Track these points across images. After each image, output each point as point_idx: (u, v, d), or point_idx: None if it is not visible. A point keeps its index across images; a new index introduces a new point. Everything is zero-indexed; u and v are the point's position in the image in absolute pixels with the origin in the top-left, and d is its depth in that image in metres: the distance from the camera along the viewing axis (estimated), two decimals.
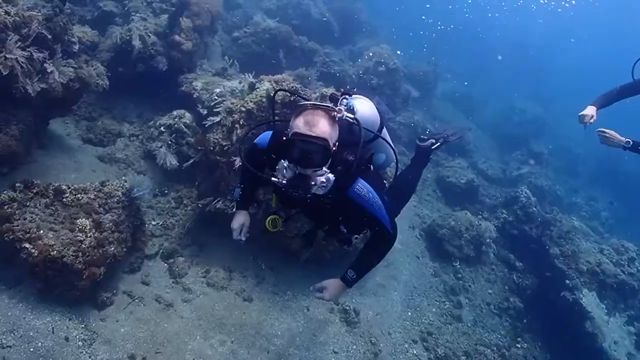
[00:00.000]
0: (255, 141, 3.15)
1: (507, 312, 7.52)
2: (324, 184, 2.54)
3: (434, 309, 6.88)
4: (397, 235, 3.04)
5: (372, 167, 3.12)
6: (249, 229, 3.31)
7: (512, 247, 8.72)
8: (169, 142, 6.39)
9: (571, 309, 7.11)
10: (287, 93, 5.09)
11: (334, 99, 2.95)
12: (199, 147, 5.86)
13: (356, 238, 3.22)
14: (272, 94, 3.28)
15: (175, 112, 6.69)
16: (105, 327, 4.44)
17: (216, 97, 6.74)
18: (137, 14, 7.45)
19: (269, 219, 3.13)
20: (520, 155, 12.84)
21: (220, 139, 5.70)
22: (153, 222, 5.96)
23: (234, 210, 3.45)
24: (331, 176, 2.55)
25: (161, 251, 5.59)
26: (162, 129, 6.51)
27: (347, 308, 5.97)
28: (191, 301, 5.16)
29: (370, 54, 11.07)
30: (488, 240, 8.23)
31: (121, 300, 4.78)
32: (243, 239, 3.24)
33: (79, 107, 6.74)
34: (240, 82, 6.90)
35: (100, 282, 4.61)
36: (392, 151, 3.57)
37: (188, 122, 6.61)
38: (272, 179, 2.62)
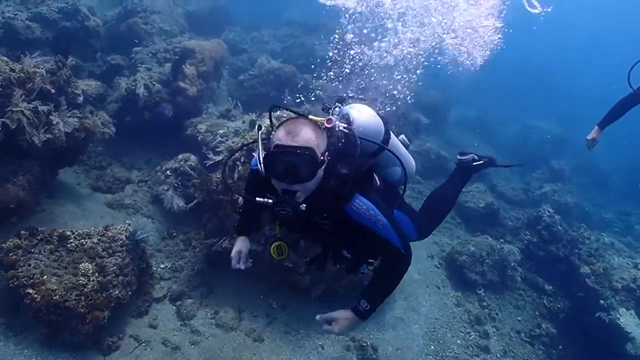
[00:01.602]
0: (251, 165, 2.92)
1: (539, 340, 7.02)
2: (301, 196, 2.29)
3: (458, 341, 6.49)
4: (411, 255, 2.66)
5: (377, 181, 2.87)
6: (248, 256, 3.06)
7: (539, 270, 8.26)
8: (175, 185, 6.45)
9: (609, 330, 6.60)
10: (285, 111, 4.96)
11: (326, 109, 2.76)
12: (203, 188, 5.87)
13: (371, 264, 2.78)
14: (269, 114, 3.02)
15: (180, 156, 6.80)
16: None
17: (220, 138, 6.85)
18: (143, 65, 7.76)
19: (273, 245, 2.84)
20: (541, 174, 12.45)
21: (220, 179, 5.72)
22: (162, 265, 5.92)
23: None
24: (309, 184, 2.27)
25: (169, 294, 5.51)
26: (168, 172, 6.59)
27: (364, 344, 5.68)
28: (199, 343, 5.01)
29: (375, 87, 11.12)
30: (513, 264, 7.84)
31: (127, 345, 4.68)
32: (242, 267, 2.96)
33: (88, 157, 6.95)
34: (243, 122, 7.03)
35: (106, 326, 4.55)
36: (410, 162, 3.32)
37: (193, 164, 6.69)
38: (257, 199, 2.37)
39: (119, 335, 4.71)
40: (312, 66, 11.91)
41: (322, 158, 2.25)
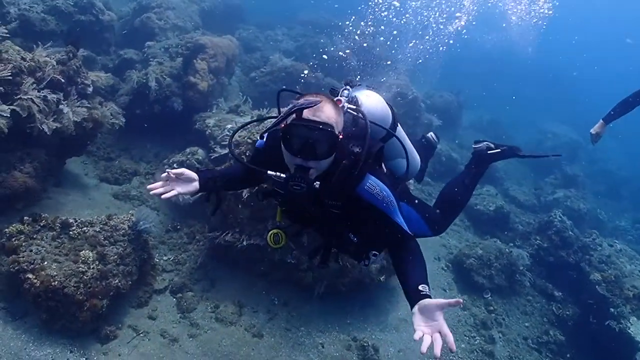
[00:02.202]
0: (256, 145, 2.72)
1: (547, 347, 6.84)
2: (314, 173, 2.15)
3: (463, 345, 6.36)
4: (416, 240, 2.44)
5: (384, 169, 2.78)
6: (183, 179, 2.44)
7: (548, 276, 8.07)
8: None
9: (618, 339, 6.39)
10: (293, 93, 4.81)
11: (334, 91, 2.65)
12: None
13: (375, 255, 2.58)
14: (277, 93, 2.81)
15: (188, 149, 6.82)
16: None
17: (227, 133, 6.86)
18: (155, 60, 7.81)
19: (270, 233, 2.72)
20: (554, 179, 12.21)
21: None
22: (164, 258, 5.93)
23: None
24: (324, 162, 2.15)
25: (170, 286, 5.51)
26: (174, 165, 6.60)
27: (366, 344, 5.60)
28: (197, 336, 4.99)
29: (388, 86, 11.07)
30: (521, 269, 7.68)
31: (125, 334, 4.69)
32: (173, 174, 2.39)
33: (97, 149, 7.01)
34: (251, 118, 7.02)
35: (105, 315, 4.57)
36: (415, 157, 3.16)
37: (200, 158, 6.70)
38: (269, 172, 2.27)
39: (118, 325, 4.72)
40: (327, 64, 12.02)
41: (340, 136, 2.17)
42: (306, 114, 2.09)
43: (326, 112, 2.12)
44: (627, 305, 6.65)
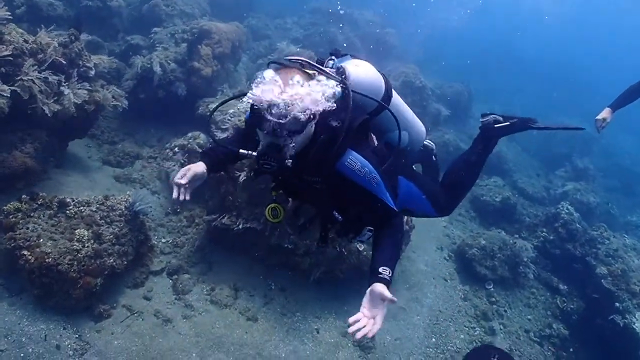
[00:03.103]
0: (245, 116, 2.62)
1: (549, 340, 6.73)
2: (288, 150, 2.07)
3: (462, 336, 6.30)
4: (402, 217, 2.46)
5: (374, 141, 2.69)
6: (195, 176, 2.41)
7: (554, 269, 7.93)
8: (182, 162, 6.48)
9: (623, 334, 6.25)
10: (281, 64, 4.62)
11: (319, 62, 2.53)
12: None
13: (370, 231, 2.49)
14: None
15: (190, 134, 6.84)
16: (99, 338, 4.40)
17: (229, 118, 6.85)
18: (161, 45, 7.85)
19: (268, 207, 2.68)
20: (564, 172, 11.95)
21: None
22: (163, 240, 5.98)
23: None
24: (297, 138, 2.07)
25: (167, 268, 5.56)
26: (176, 149, 6.65)
27: None
28: (191, 318, 5.03)
29: (396, 74, 10.94)
30: (525, 260, 7.55)
31: (119, 314, 4.74)
32: (183, 181, 2.35)
33: (102, 132, 7.09)
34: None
35: (99, 294, 4.63)
36: (418, 127, 3.02)
37: (202, 142, 6.71)
38: (241, 151, 2.25)
39: (112, 304, 4.77)
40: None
41: (312, 111, 2.03)
42: (271, 94, 1.97)
43: (294, 89, 1.99)
44: (632, 300, 6.49)
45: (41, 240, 4.35)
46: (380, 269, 2.15)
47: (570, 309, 7.14)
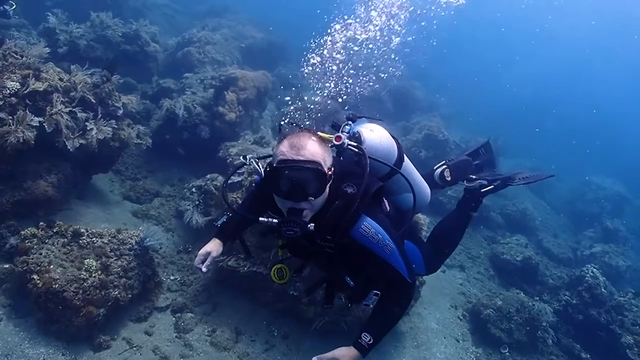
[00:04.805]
0: (254, 180, 2.78)
1: None
2: (308, 214, 2.14)
3: None
4: (415, 286, 2.52)
5: (387, 206, 2.76)
6: (214, 260, 2.73)
7: (576, 335, 7.45)
8: (197, 202, 6.65)
9: None
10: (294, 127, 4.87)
11: (335, 126, 2.66)
12: (219, 205, 6.02)
13: (376, 295, 2.53)
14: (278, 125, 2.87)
15: (209, 175, 7.04)
16: None
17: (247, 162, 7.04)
18: (190, 90, 8.28)
19: (274, 268, 2.71)
20: (593, 233, 11.49)
21: (237, 198, 5.84)
22: (171, 277, 6.04)
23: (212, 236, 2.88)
24: (317, 201, 2.13)
25: (172, 305, 5.57)
26: (193, 189, 6.84)
27: None
28: (188, 357, 4.97)
29: (419, 127, 11.07)
30: (544, 325, 7.14)
31: (119, 346, 4.75)
32: (204, 269, 2.63)
33: (126, 169, 7.41)
34: (273, 149, 7.20)
35: (101, 324, 4.67)
36: (424, 190, 3.13)
37: (218, 184, 6.87)
38: (261, 219, 2.25)
39: (113, 336, 4.79)
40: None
41: (329, 173, 2.12)
42: (289, 154, 2.05)
43: (310, 149, 2.07)
44: None
45: (51, 266, 4.48)
46: (363, 335, 2.37)
47: None
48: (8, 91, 5.01)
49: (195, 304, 5.73)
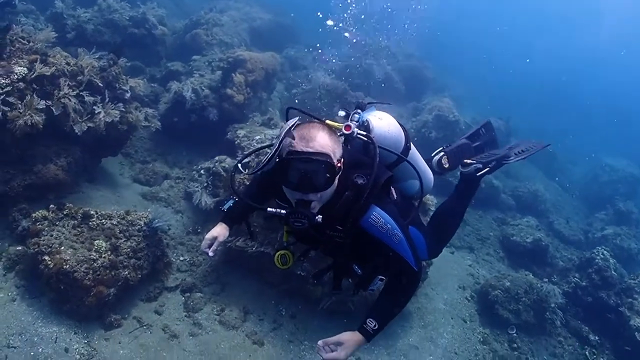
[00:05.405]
0: None
1: None
2: (316, 206, 2.14)
3: None
4: (422, 274, 2.54)
5: (394, 194, 2.76)
6: (220, 244, 2.75)
7: (585, 317, 7.43)
8: (206, 184, 6.71)
9: None
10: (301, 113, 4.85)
11: (345, 115, 2.63)
12: (227, 187, 6.07)
13: (381, 280, 2.55)
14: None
15: (217, 157, 7.07)
16: (106, 346, 4.54)
17: (255, 144, 7.06)
18: (198, 72, 8.28)
19: (278, 254, 2.70)
20: (605, 215, 11.32)
21: (244, 179, 5.87)
22: (181, 258, 6.13)
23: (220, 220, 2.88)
24: (325, 193, 2.12)
25: (182, 285, 5.68)
26: (202, 171, 6.89)
27: None
28: (197, 336, 5.09)
29: (430, 108, 10.94)
30: (553, 306, 7.12)
31: (129, 325, 4.88)
32: (211, 253, 2.67)
33: (136, 152, 7.49)
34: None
35: (112, 304, 4.80)
36: (428, 176, 3.10)
37: (227, 166, 6.91)
38: (269, 209, 2.25)
39: (124, 315, 4.93)
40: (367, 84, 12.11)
41: (338, 165, 2.11)
42: (299, 145, 2.03)
43: (319, 141, 2.05)
44: None
45: (62, 247, 4.60)
46: (368, 320, 2.37)
47: None
48: (16, 76, 5.07)
49: (204, 284, 5.84)
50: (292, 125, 2.10)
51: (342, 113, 2.78)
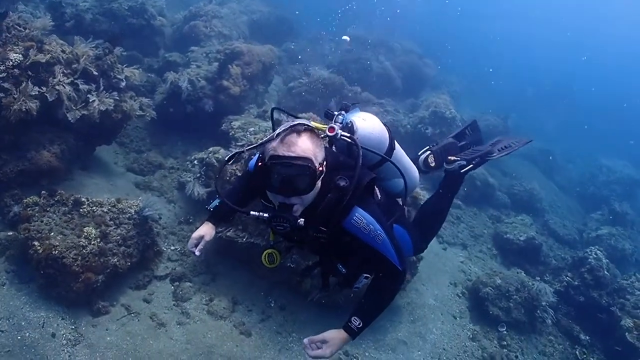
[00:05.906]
0: (248, 165, 2.80)
1: None
2: (299, 209, 2.18)
3: None
4: (406, 273, 2.57)
5: (378, 194, 2.81)
6: (207, 243, 2.81)
7: (576, 317, 7.44)
8: (199, 174, 6.72)
9: None
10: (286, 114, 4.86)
11: (329, 116, 2.64)
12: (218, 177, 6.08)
13: (366, 277, 2.61)
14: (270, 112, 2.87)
15: (211, 148, 7.08)
16: (93, 332, 4.57)
17: (249, 135, 7.06)
18: (195, 63, 8.28)
19: (265, 253, 2.73)
20: (600, 215, 11.32)
21: (235, 170, 5.89)
22: (172, 247, 6.16)
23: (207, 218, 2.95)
24: (307, 196, 2.17)
25: (171, 274, 5.71)
26: (195, 162, 6.90)
27: None
28: (185, 325, 5.12)
29: (427, 104, 10.93)
30: (544, 304, 7.14)
31: (117, 312, 4.91)
32: (197, 253, 2.71)
33: (131, 141, 7.50)
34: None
35: (100, 291, 4.83)
36: (413, 174, 3.14)
37: (220, 157, 6.90)
38: (252, 213, 2.29)
39: (112, 302, 4.96)
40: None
41: (320, 168, 2.15)
42: (280, 150, 2.08)
43: (301, 146, 2.09)
44: None
45: (52, 233, 4.64)
46: (353, 318, 2.45)
47: None
48: (11, 63, 5.09)
49: (194, 274, 5.86)
50: (281, 131, 2.13)
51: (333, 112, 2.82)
